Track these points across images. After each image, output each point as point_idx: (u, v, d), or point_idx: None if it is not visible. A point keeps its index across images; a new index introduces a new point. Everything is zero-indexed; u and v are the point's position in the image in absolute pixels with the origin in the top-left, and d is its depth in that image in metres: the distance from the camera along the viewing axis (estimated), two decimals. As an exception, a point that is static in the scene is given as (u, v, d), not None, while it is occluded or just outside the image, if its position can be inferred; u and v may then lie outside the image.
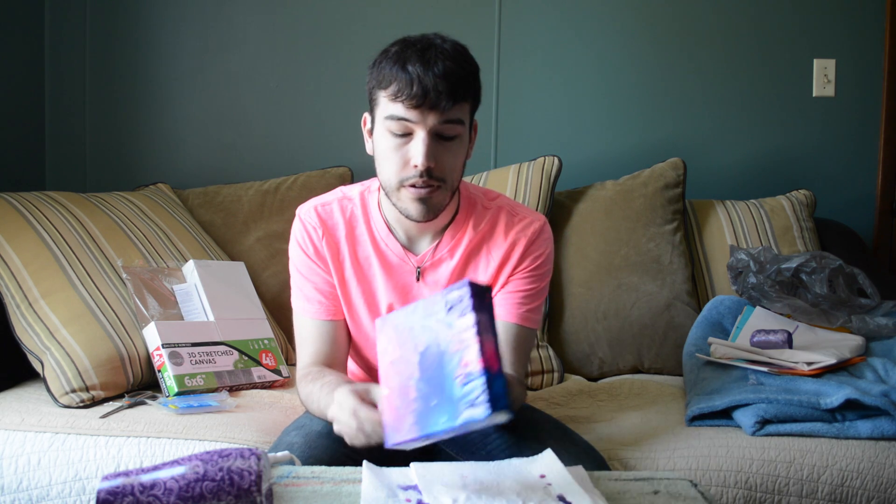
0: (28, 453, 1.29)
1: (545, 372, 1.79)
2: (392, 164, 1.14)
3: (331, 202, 1.28)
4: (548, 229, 1.28)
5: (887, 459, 1.26)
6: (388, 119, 1.12)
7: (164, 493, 0.81)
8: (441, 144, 1.13)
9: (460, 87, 1.10)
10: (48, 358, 1.45)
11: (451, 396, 0.86)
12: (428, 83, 1.08)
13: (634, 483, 0.93)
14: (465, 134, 1.17)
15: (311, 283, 1.26)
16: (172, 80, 2.22)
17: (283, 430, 1.22)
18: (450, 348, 0.88)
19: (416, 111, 1.10)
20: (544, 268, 1.26)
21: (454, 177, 1.17)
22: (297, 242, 1.28)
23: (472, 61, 1.15)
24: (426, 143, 1.11)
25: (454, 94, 1.09)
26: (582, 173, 2.12)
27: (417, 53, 1.10)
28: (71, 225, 1.63)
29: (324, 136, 2.21)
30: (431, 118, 1.10)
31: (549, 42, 2.23)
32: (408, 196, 1.15)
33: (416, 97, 1.08)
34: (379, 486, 0.89)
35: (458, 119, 1.13)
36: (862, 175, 2.26)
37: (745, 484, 1.25)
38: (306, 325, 1.27)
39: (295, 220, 1.29)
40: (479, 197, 1.29)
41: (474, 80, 1.15)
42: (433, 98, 1.08)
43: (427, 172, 1.12)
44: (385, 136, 1.14)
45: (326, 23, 2.23)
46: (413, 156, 1.12)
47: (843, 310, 1.66)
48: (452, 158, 1.15)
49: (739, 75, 2.23)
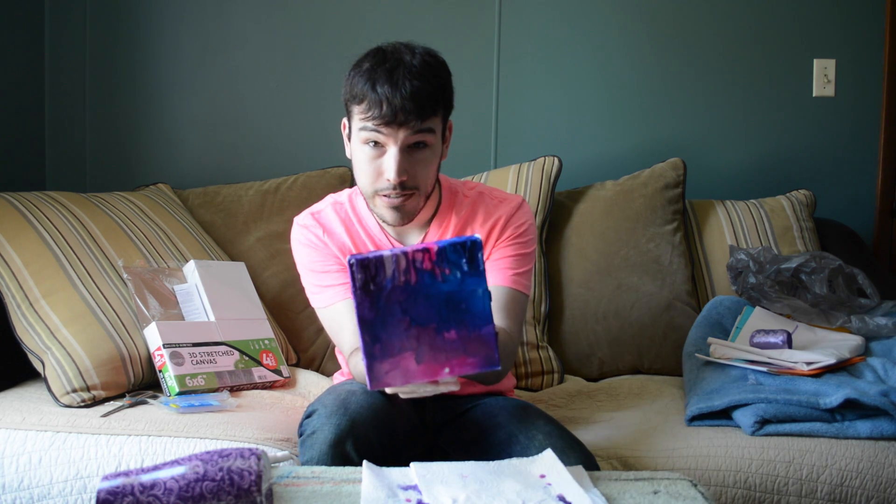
0: (29, 452, 1.29)
1: (545, 373, 1.79)
2: (366, 175, 1.22)
3: (323, 208, 1.35)
4: (526, 206, 1.35)
5: (886, 459, 1.26)
6: (361, 131, 1.19)
7: (164, 493, 0.81)
8: (412, 156, 1.19)
9: (428, 104, 1.16)
10: (49, 358, 1.45)
11: None
12: (396, 104, 1.14)
13: (634, 483, 0.93)
14: (438, 141, 1.23)
15: (327, 273, 1.29)
16: (172, 80, 2.22)
17: (324, 394, 1.23)
18: None
19: (387, 128, 1.16)
20: (528, 235, 1.32)
21: (427, 183, 1.24)
22: (301, 243, 1.32)
23: (440, 73, 1.20)
24: (397, 158, 1.17)
25: (422, 112, 1.16)
26: (582, 173, 2.12)
27: (386, 74, 1.15)
28: (71, 225, 1.64)
29: (324, 136, 2.21)
30: (402, 133, 1.17)
31: (549, 42, 2.23)
32: (382, 204, 1.23)
33: (385, 117, 1.15)
34: (379, 486, 0.89)
35: (428, 129, 1.19)
36: (862, 175, 2.26)
37: (744, 484, 1.26)
38: (337, 310, 1.28)
39: (293, 228, 1.34)
40: (458, 187, 1.36)
41: (443, 93, 1.20)
42: (402, 117, 1.15)
43: (400, 185, 1.19)
44: (359, 148, 1.21)
45: (326, 23, 2.23)
46: (385, 169, 1.19)
47: (843, 310, 1.66)
48: (424, 167, 1.21)
49: (739, 75, 2.23)
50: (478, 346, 0.89)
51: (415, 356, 0.88)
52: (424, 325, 0.88)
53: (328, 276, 1.29)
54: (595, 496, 0.88)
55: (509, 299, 1.27)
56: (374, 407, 1.15)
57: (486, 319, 0.89)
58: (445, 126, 1.26)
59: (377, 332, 0.87)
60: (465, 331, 0.88)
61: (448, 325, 0.88)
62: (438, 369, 0.88)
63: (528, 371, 1.78)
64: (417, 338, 0.88)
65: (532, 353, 1.80)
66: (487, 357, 0.89)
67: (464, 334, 0.88)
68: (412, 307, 0.87)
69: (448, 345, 0.88)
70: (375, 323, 0.87)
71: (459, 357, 0.88)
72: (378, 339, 0.87)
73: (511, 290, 1.28)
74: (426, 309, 0.88)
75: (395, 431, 1.17)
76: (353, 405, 1.13)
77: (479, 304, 0.89)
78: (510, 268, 1.29)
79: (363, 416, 1.11)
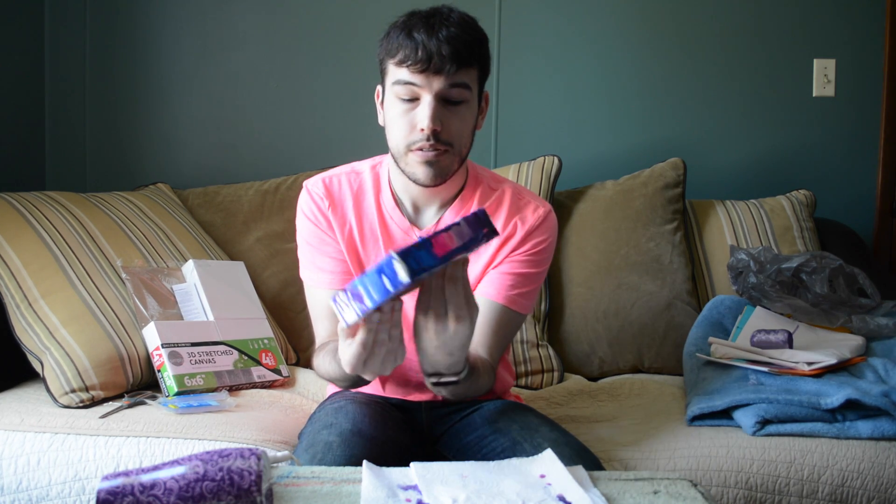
0: (28, 453, 1.29)
1: (545, 371, 1.79)
2: (400, 129, 1.17)
3: (339, 174, 1.30)
4: (553, 217, 1.28)
5: (888, 460, 1.26)
6: (395, 84, 1.16)
7: (164, 493, 0.81)
8: (448, 109, 1.16)
9: (464, 52, 1.13)
10: (48, 358, 1.45)
11: None
12: (432, 48, 1.11)
13: (634, 483, 0.93)
14: (473, 100, 1.19)
15: (321, 253, 1.26)
16: (172, 80, 2.22)
17: (310, 430, 1.20)
18: None
19: (422, 75, 1.13)
20: (544, 254, 1.26)
21: (462, 142, 1.19)
22: (305, 214, 1.28)
23: (478, 29, 1.18)
24: (432, 106, 1.14)
25: (458, 58, 1.12)
26: (582, 173, 2.12)
27: (423, 21, 1.14)
28: (71, 225, 1.63)
29: (324, 136, 2.21)
30: (437, 82, 1.13)
31: (549, 42, 2.23)
32: (415, 160, 1.17)
33: (420, 62, 1.12)
34: (379, 486, 0.88)
35: (463, 83, 1.15)
36: (862, 175, 2.26)
37: (745, 484, 1.25)
38: (319, 296, 1.26)
39: (302, 192, 1.30)
40: (485, 177, 1.30)
41: (479, 47, 1.17)
42: (437, 62, 1.12)
43: (434, 136, 1.15)
44: (394, 103, 1.17)
45: (326, 23, 2.22)
46: (420, 120, 1.15)
47: (844, 310, 1.66)
48: (459, 123, 1.17)
49: (739, 75, 2.23)
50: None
51: None
52: None
53: (321, 258, 1.26)
54: (595, 496, 0.88)
55: (500, 317, 1.22)
56: (364, 433, 1.13)
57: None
58: (482, 91, 1.21)
59: None
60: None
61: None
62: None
63: (527, 369, 1.78)
64: None
65: (532, 351, 1.80)
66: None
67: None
68: None
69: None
70: None
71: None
72: None
73: (505, 308, 1.22)
74: None
75: (395, 453, 1.14)
76: (353, 438, 1.11)
77: None
78: (512, 285, 1.23)
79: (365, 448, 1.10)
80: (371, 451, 1.09)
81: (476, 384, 1.13)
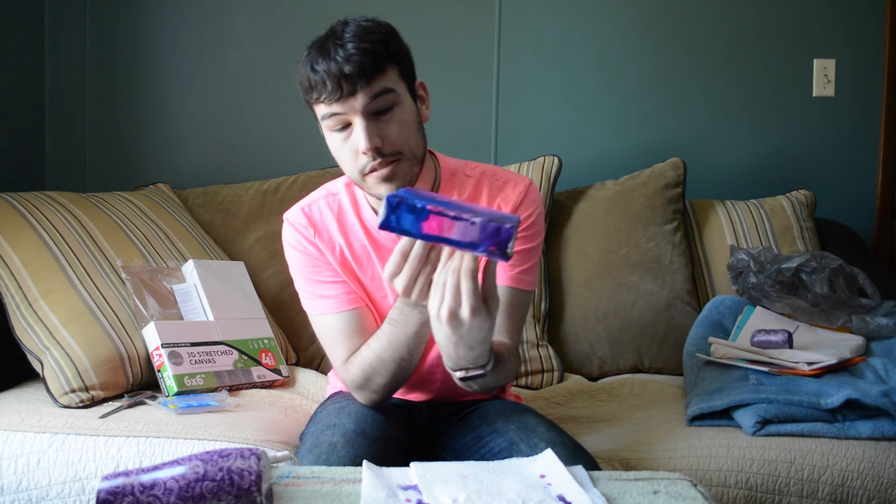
0: (27, 454, 1.29)
1: (545, 371, 1.79)
2: (347, 159, 1.15)
3: (316, 200, 1.28)
4: (534, 189, 1.27)
5: (888, 460, 1.26)
6: (324, 120, 1.14)
7: (164, 493, 0.81)
8: (380, 120, 1.12)
9: (368, 61, 1.09)
10: (48, 358, 1.45)
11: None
12: (335, 72, 1.08)
13: (634, 483, 0.93)
14: (405, 99, 1.15)
15: (319, 281, 1.24)
16: (172, 80, 2.22)
17: (313, 430, 1.19)
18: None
19: (339, 103, 1.10)
20: (535, 227, 1.25)
21: (411, 145, 1.15)
22: (293, 246, 1.26)
23: (378, 31, 1.13)
24: (364, 126, 1.10)
25: (365, 72, 1.09)
26: (582, 173, 2.12)
27: (318, 50, 1.11)
28: (71, 225, 1.63)
29: (323, 137, 2.21)
30: (357, 102, 1.10)
31: (549, 42, 2.23)
32: (373, 181, 1.14)
33: (332, 91, 1.09)
34: (379, 486, 0.88)
35: (384, 90, 1.11)
36: (862, 175, 2.26)
37: (745, 484, 1.25)
38: (329, 323, 1.24)
39: (283, 227, 1.28)
40: (459, 167, 1.28)
41: (386, 47, 1.13)
42: (347, 85, 1.09)
43: (377, 153, 1.12)
44: (331, 137, 1.16)
45: (326, 23, 2.21)
46: (358, 143, 1.11)
47: (844, 310, 1.66)
48: (398, 128, 1.13)
49: (739, 75, 2.23)
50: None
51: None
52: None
53: (321, 286, 1.24)
54: (595, 496, 0.88)
55: (511, 300, 1.22)
56: (368, 434, 1.13)
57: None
58: (413, 85, 1.17)
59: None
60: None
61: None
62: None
63: (528, 369, 1.78)
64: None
65: (532, 351, 1.80)
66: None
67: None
68: None
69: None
70: None
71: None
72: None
73: (513, 289, 1.22)
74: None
75: (398, 453, 1.14)
76: (355, 438, 1.11)
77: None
78: (513, 265, 1.22)
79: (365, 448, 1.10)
80: (375, 451, 1.09)
81: (504, 372, 1.14)
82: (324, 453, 1.08)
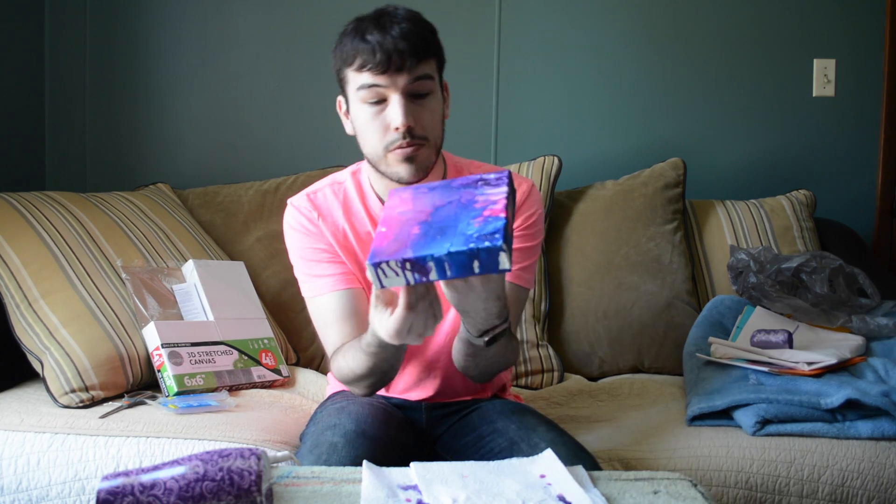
0: (27, 454, 1.29)
1: (545, 371, 1.79)
2: (374, 133, 1.17)
3: (321, 188, 1.30)
4: (536, 192, 1.30)
5: (888, 460, 1.26)
6: (360, 90, 1.15)
7: (164, 493, 0.81)
8: (416, 103, 1.16)
9: (421, 45, 1.14)
10: (48, 358, 1.45)
11: (462, 232, 0.84)
12: (389, 46, 1.12)
13: (634, 483, 0.93)
14: (438, 91, 1.20)
15: (316, 261, 1.25)
16: (172, 80, 2.22)
17: (313, 431, 1.19)
18: (473, 205, 0.87)
19: (385, 76, 1.13)
20: (535, 227, 1.27)
21: (436, 134, 1.19)
22: (293, 228, 1.27)
23: (427, 22, 1.19)
24: (402, 103, 1.14)
25: (417, 52, 1.13)
26: (582, 173, 2.11)
27: (373, 23, 1.14)
28: (71, 225, 1.63)
29: (324, 136, 2.21)
30: (401, 79, 1.14)
31: (549, 42, 2.23)
32: (395, 159, 1.17)
33: (381, 63, 1.12)
34: (379, 486, 0.88)
35: (426, 75, 1.16)
36: (862, 175, 2.26)
37: (745, 484, 1.25)
38: (324, 303, 1.24)
39: (287, 210, 1.29)
40: (465, 164, 1.32)
41: (433, 38, 1.18)
42: (398, 60, 1.12)
43: (409, 132, 1.15)
44: (361, 109, 1.17)
45: (326, 23, 2.21)
46: (392, 119, 1.15)
47: (844, 310, 1.66)
48: (430, 115, 1.17)
49: (739, 75, 2.23)
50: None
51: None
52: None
53: (318, 266, 1.25)
54: (595, 496, 0.88)
55: (510, 296, 1.22)
56: (368, 434, 1.13)
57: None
58: (441, 81, 1.22)
59: None
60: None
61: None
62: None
63: (527, 369, 1.78)
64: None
65: (532, 351, 1.80)
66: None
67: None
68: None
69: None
70: None
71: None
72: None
73: (513, 285, 1.24)
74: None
75: (398, 453, 1.14)
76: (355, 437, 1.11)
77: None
78: (514, 262, 1.23)
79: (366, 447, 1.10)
80: (375, 451, 1.09)
81: (511, 347, 1.17)
82: (324, 453, 1.09)
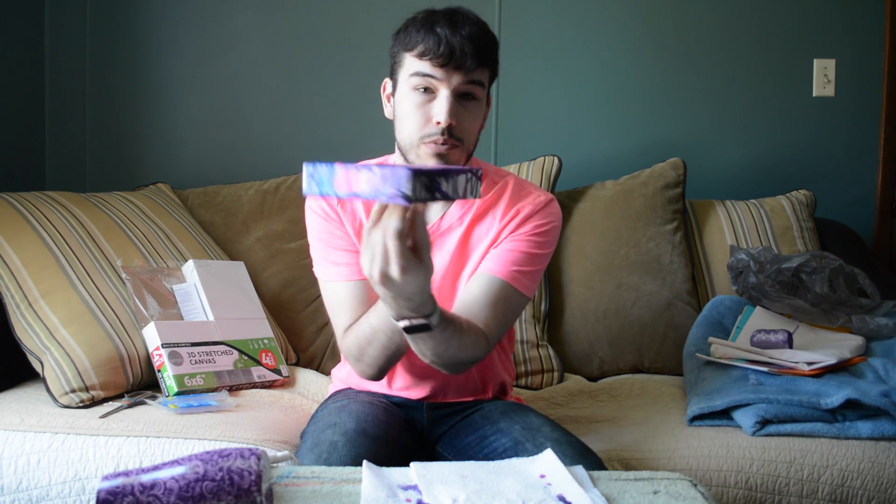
0: (28, 453, 1.29)
1: (545, 371, 1.79)
2: (414, 121, 1.19)
3: None
4: (556, 205, 1.29)
5: (888, 460, 1.26)
6: (413, 76, 1.18)
7: (164, 493, 0.81)
8: (462, 105, 1.18)
9: (483, 51, 1.17)
10: (48, 358, 1.45)
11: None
12: (455, 43, 1.14)
13: (634, 483, 0.93)
14: (484, 100, 1.22)
15: (333, 247, 1.26)
16: (172, 81, 2.22)
17: (313, 429, 1.19)
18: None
19: (442, 70, 1.16)
20: (547, 237, 1.27)
21: (471, 139, 1.22)
22: (313, 210, 1.29)
23: (493, 34, 1.22)
24: (449, 100, 1.16)
25: (478, 56, 1.16)
26: (582, 173, 2.11)
27: (445, 18, 1.17)
28: (71, 225, 1.63)
29: (324, 136, 2.21)
30: (456, 78, 1.16)
31: (549, 42, 2.23)
32: (427, 152, 1.19)
33: (443, 56, 1.15)
34: (379, 486, 0.88)
35: (479, 81, 1.19)
36: (862, 175, 2.26)
37: (745, 484, 1.25)
38: (338, 290, 1.25)
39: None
40: (489, 171, 1.32)
41: (495, 50, 1.21)
42: (459, 57, 1.15)
43: (448, 130, 1.17)
44: (408, 95, 1.19)
45: (326, 23, 2.22)
46: (436, 113, 1.17)
47: (844, 310, 1.66)
48: (471, 120, 1.20)
49: (739, 75, 2.23)
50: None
51: None
52: None
53: (335, 253, 1.26)
54: (595, 496, 0.88)
55: (500, 293, 1.20)
56: (368, 433, 1.13)
57: None
58: (488, 93, 1.24)
59: None
60: None
61: None
62: None
63: (527, 369, 1.78)
64: None
65: (532, 351, 1.80)
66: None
67: None
68: None
69: None
70: None
71: None
72: None
73: (506, 284, 1.21)
74: None
75: (399, 453, 1.14)
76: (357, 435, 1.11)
77: None
78: (514, 261, 1.22)
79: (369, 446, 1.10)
80: (376, 450, 1.09)
81: (459, 340, 1.11)
82: (324, 452, 1.09)
